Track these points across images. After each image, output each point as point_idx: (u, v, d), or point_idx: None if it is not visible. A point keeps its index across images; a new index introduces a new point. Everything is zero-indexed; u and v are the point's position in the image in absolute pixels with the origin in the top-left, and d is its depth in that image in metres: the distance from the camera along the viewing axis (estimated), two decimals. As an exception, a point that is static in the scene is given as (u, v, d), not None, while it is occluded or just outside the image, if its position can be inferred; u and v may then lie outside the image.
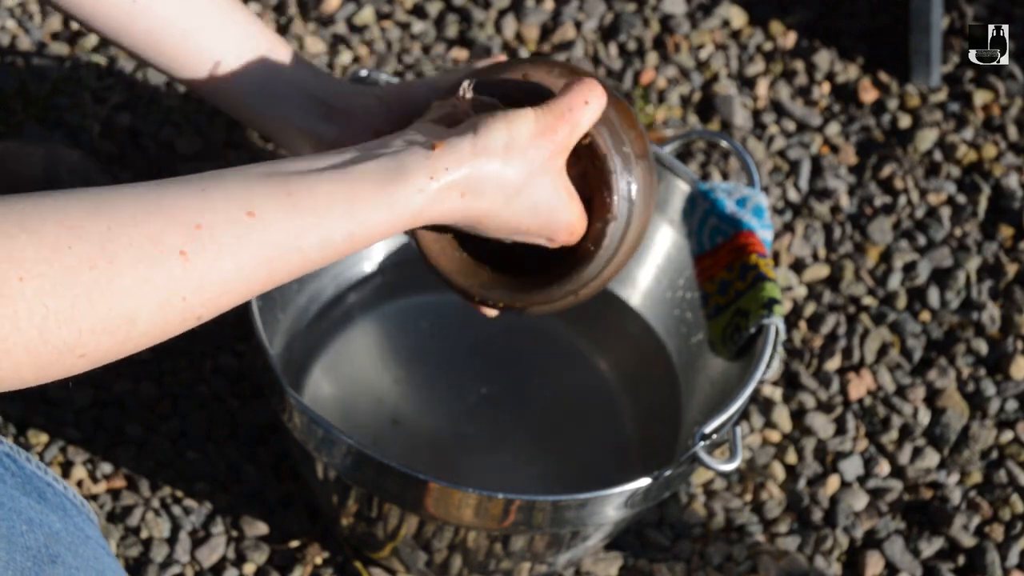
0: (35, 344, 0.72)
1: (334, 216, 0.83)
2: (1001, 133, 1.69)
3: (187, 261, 0.77)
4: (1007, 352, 1.51)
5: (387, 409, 1.37)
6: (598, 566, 1.35)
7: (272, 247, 0.81)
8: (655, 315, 1.40)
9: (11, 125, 1.57)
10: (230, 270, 0.79)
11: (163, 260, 0.76)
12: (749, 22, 1.76)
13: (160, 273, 0.76)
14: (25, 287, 0.72)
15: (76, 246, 0.74)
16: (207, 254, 0.78)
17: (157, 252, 0.76)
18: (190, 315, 0.78)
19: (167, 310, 0.77)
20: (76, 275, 0.73)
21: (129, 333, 0.76)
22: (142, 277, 0.75)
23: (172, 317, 0.77)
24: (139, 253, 0.75)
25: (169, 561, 1.33)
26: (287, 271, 0.82)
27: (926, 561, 1.39)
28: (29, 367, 0.73)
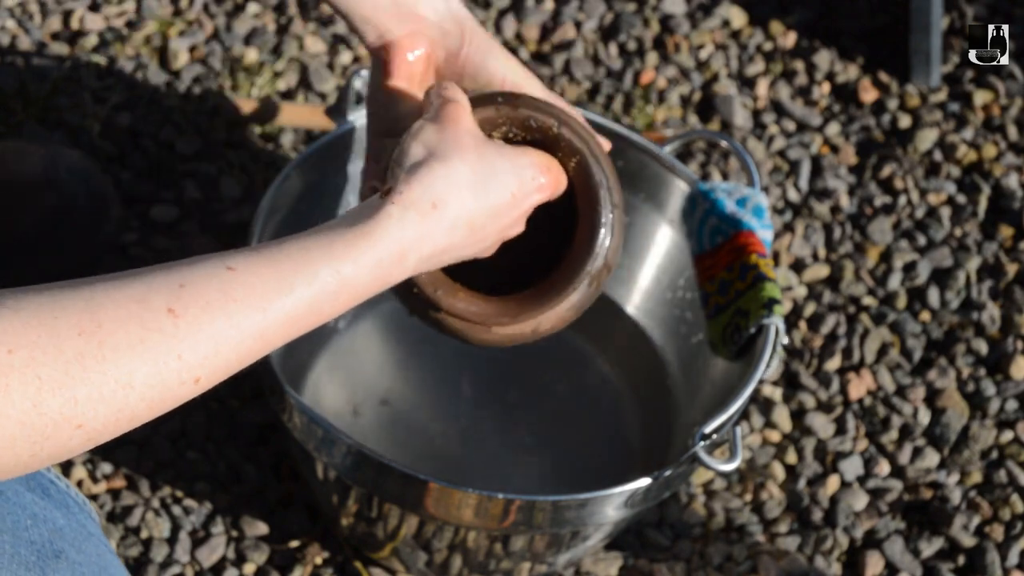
0: (30, 417, 0.71)
1: (312, 258, 0.83)
2: (1001, 133, 1.69)
3: (177, 318, 0.76)
4: (1007, 352, 1.51)
5: (387, 409, 1.37)
6: (598, 566, 1.36)
7: (258, 295, 0.79)
8: (655, 315, 1.40)
9: (11, 125, 1.57)
10: (221, 325, 0.78)
11: (152, 318, 0.75)
12: (749, 22, 1.76)
13: (151, 332, 0.75)
14: (14, 358, 0.71)
15: (62, 316, 0.73)
16: (195, 309, 0.77)
17: (145, 312, 0.75)
18: (188, 377, 0.77)
19: (164, 372, 0.75)
20: (65, 341, 0.72)
21: (127, 399, 0.74)
22: (134, 337, 0.74)
23: (169, 379, 0.76)
24: (127, 314, 0.74)
25: (169, 561, 1.33)
26: (283, 322, 0.81)
27: (926, 561, 1.39)
28: (24, 442, 0.71)
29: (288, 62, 1.67)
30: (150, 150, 1.58)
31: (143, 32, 1.68)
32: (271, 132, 1.61)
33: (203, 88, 1.63)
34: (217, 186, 1.55)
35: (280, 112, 1.61)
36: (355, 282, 0.84)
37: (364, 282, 0.85)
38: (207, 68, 1.65)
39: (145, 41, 1.67)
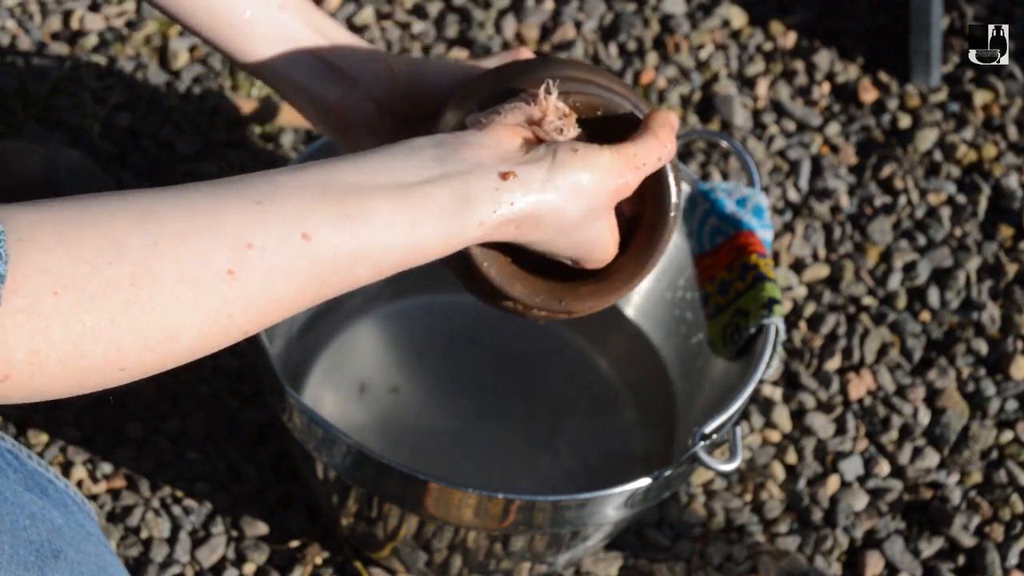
0: (71, 358, 0.70)
1: (391, 241, 0.79)
2: (1001, 133, 1.69)
3: (235, 280, 0.74)
4: (1007, 352, 1.51)
5: (387, 409, 1.37)
6: (598, 566, 1.35)
7: (324, 268, 0.77)
8: (655, 315, 1.40)
9: (11, 125, 1.57)
10: (279, 289, 0.76)
11: (210, 280, 0.73)
12: (749, 22, 1.76)
13: (206, 293, 0.73)
14: (59, 302, 0.69)
15: (118, 262, 0.71)
16: (256, 274, 0.74)
17: (204, 272, 0.73)
18: (236, 331, 0.75)
19: (212, 327, 0.74)
20: (116, 291, 0.70)
21: (172, 349, 0.73)
22: (188, 296, 0.72)
23: (217, 334, 0.74)
24: (184, 272, 0.72)
25: (169, 561, 1.33)
26: (337, 288, 0.79)
27: (926, 561, 1.39)
28: (65, 379, 0.70)
29: (288, 62, 1.67)
30: (150, 150, 1.58)
31: (143, 32, 1.68)
32: (271, 132, 1.61)
33: (203, 88, 1.63)
34: (217, 186, 1.55)
35: (280, 112, 1.61)
36: (414, 262, 0.81)
37: (422, 260, 0.82)
38: (207, 68, 1.65)
39: (145, 41, 1.67)
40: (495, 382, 1.41)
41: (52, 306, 0.69)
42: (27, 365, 0.69)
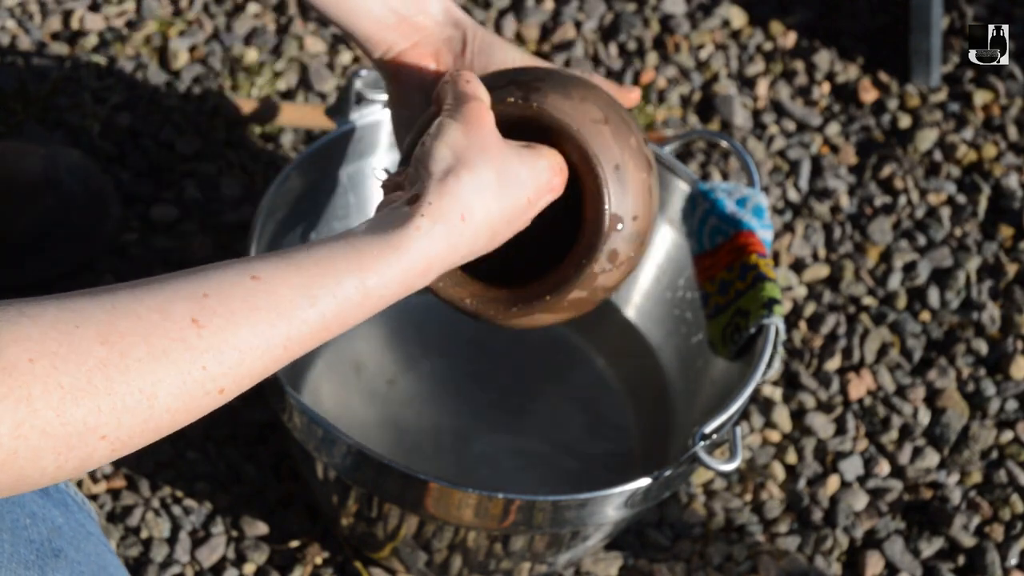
0: (53, 426, 0.70)
1: (339, 268, 0.82)
2: (1001, 133, 1.69)
3: (200, 328, 0.75)
4: (1007, 352, 1.51)
5: (387, 409, 1.37)
6: (598, 566, 1.35)
7: (284, 306, 0.79)
8: (655, 315, 1.40)
9: (11, 125, 1.57)
10: (246, 335, 0.77)
11: (176, 329, 0.74)
12: (749, 22, 1.76)
13: (175, 342, 0.74)
14: (36, 367, 0.69)
15: (83, 325, 0.72)
16: (219, 319, 0.76)
17: (168, 322, 0.74)
18: (212, 387, 0.76)
19: (188, 382, 0.75)
20: (87, 351, 0.71)
21: (151, 409, 0.74)
22: (157, 348, 0.73)
23: (194, 390, 0.75)
24: (149, 325, 0.73)
25: (169, 561, 1.33)
26: (307, 333, 0.80)
27: (926, 561, 1.39)
28: (49, 453, 0.70)
29: (288, 62, 1.67)
30: (150, 150, 1.58)
31: (143, 32, 1.68)
32: (271, 132, 1.61)
33: (203, 88, 1.63)
34: (217, 186, 1.55)
35: (280, 112, 1.61)
36: (380, 292, 0.85)
37: (389, 293, 0.85)
38: (207, 68, 1.65)
39: (145, 41, 1.67)
40: (495, 382, 1.41)
41: (30, 371, 0.69)
42: (12, 439, 0.69)
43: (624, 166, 1.03)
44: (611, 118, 1.04)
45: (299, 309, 0.79)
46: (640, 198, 1.04)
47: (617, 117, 1.04)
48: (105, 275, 1.47)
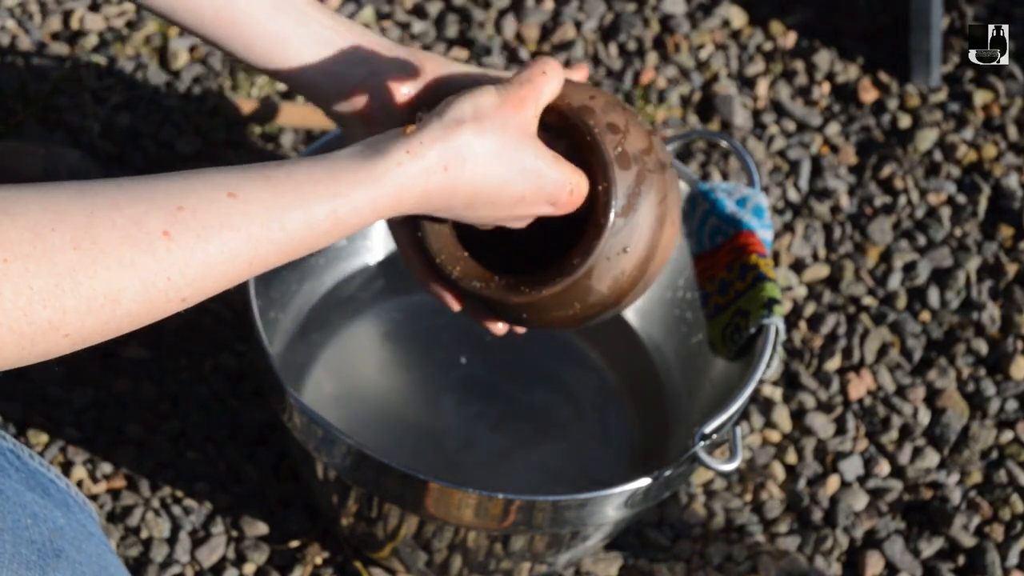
0: (19, 324, 0.73)
1: (316, 193, 0.83)
2: (1001, 133, 1.69)
3: (171, 241, 0.78)
4: (1007, 352, 1.51)
5: (387, 408, 1.37)
6: (598, 566, 1.35)
7: (256, 226, 0.81)
8: (655, 315, 1.40)
9: (11, 125, 1.57)
10: (214, 251, 0.79)
11: (147, 241, 0.77)
12: (749, 22, 1.76)
13: (144, 254, 0.77)
14: (9, 268, 0.72)
15: (59, 228, 0.75)
16: (190, 234, 0.78)
17: (140, 233, 0.77)
18: (175, 296, 0.78)
19: (151, 291, 0.77)
20: (60, 255, 0.74)
21: (113, 313, 0.76)
22: (126, 258, 0.76)
23: (156, 298, 0.78)
24: (122, 234, 0.76)
25: (169, 561, 1.33)
26: (273, 252, 0.82)
27: (926, 561, 1.39)
28: (13, 347, 0.74)
29: (288, 62, 1.67)
30: (150, 150, 1.58)
31: (143, 32, 1.68)
32: (271, 132, 1.61)
33: (203, 88, 1.63)
34: (217, 186, 1.55)
35: (280, 112, 1.61)
36: (350, 220, 0.85)
37: (360, 220, 0.86)
38: (207, 68, 1.65)
39: (145, 41, 1.67)
40: (495, 382, 1.41)
41: (3, 272, 0.72)
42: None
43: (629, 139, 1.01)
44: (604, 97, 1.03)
45: (270, 231, 0.81)
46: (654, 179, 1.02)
47: (611, 96, 1.04)
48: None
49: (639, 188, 1.01)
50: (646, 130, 1.04)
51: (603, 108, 1.02)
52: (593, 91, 1.03)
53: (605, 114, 1.01)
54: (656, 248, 1.03)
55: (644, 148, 1.02)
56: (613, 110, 1.02)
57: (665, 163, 1.04)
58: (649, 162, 1.02)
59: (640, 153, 1.02)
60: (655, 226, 1.02)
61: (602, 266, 1.02)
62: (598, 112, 1.01)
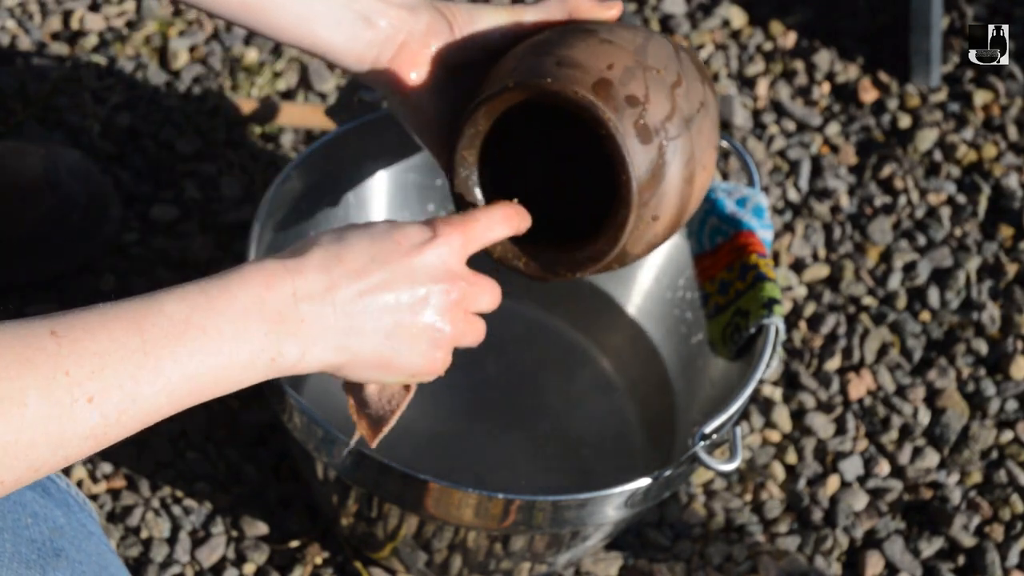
0: None
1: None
2: (1001, 133, 1.69)
3: (59, 338, 0.75)
4: (1007, 352, 1.51)
5: (387, 409, 1.37)
6: (598, 566, 1.36)
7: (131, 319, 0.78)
8: (655, 315, 1.40)
9: (11, 125, 1.57)
10: (103, 340, 0.76)
11: (36, 342, 0.74)
12: (749, 22, 1.76)
13: (36, 351, 0.74)
14: None
15: None
16: (77, 330, 0.76)
17: (29, 335, 0.74)
18: (80, 394, 0.75)
19: (53, 388, 0.74)
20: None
21: (23, 419, 0.73)
22: (22, 356, 0.73)
23: (62, 398, 0.74)
24: (10, 339, 0.74)
25: (169, 561, 1.33)
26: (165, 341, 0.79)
27: (926, 561, 1.39)
28: None
29: (288, 62, 1.67)
30: (150, 150, 1.58)
31: (143, 32, 1.68)
32: (271, 132, 1.61)
33: (203, 88, 1.63)
34: (217, 186, 1.55)
35: (280, 112, 1.61)
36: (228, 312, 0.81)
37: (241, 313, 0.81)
38: (207, 68, 1.65)
39: (145, 41, 1.67)
40: (495, 382, 1.41)
41: None
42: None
43: (650, 109, 0.99)
44: (623, 61, 0.99)
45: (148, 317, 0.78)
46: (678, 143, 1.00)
47: (632, 56, 1.00)
48: (105, 275, 1.47)
49: (663, 159, 0.99)
50: (670, 83, 1.00)
51: (622, 78, 0.98)
52: (614, 52, 1.00)
53: (624, 86, 0.98)
54: (688, 202, 1.03)
55: (667, 114, 1.00)
56: (633, 77, 0.99)
57: (690, 116, 1.01)
58: (671, 128, 1.00)
59: (663, 120, 0.99)
60: (683, 187, 1.01)
61: (634, 237, 1.01)
62: (616, 85, 0.98)
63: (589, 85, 0.97)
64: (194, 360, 0.79)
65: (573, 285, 1.42)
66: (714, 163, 1.06)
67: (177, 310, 0.79)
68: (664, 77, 1.01)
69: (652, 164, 0.99)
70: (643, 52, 1.01)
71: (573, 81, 0.97)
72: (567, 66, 0.98)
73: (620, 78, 0.98)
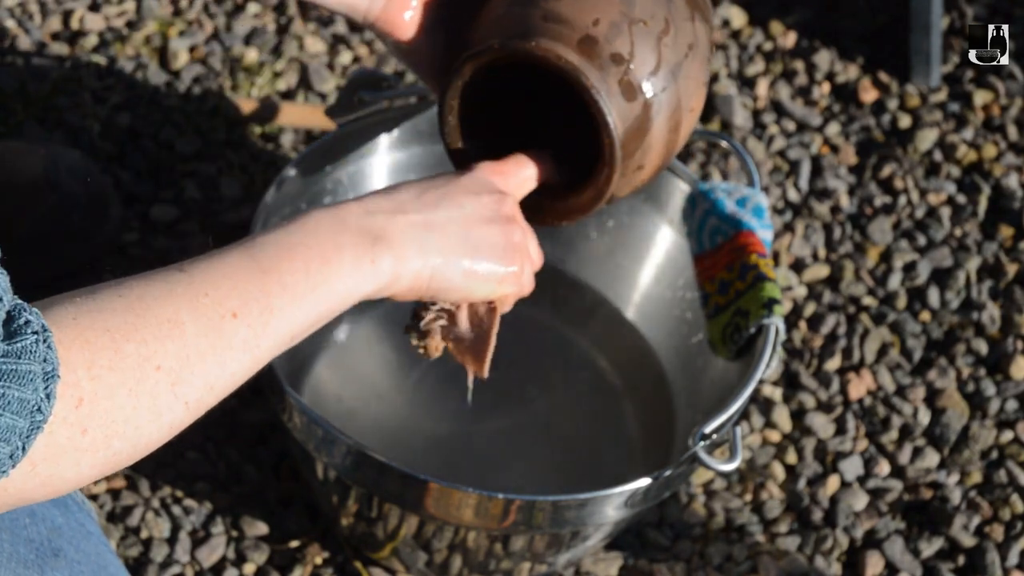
0: (114, 361, 0.75)
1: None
2: (1001, 133, 1.69)
3: (187, 273, 0.82)
4: (1007, 352, 1.51)
5: (387, 408, 1.37)
6: (598, 566, 1.35)
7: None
8: (655, 315, 1.40)
9: (11, 125, 1.57)
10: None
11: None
12: (749, 22, 1.76)
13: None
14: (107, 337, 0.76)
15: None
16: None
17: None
18: (224, 310, 0.81)
19: (199, 308, 0.80)
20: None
21: (183, 335, 0.79)
22: (161, 290, 0.80)
23: (209, 315, 0.81)
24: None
25: (169, 561, 1.33)
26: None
27: (926, 561, 1.39)
28: (121, 389, 0.75)
29: (288, 62, 1.67)
30: (150, 150, 1.58)
31: (143, 32, 1.68)
32: (271, 132, 1.61)
33: (203, 88, 1.63)
34: (217, 186, 1.55)
35: (280, 112, 1.61)
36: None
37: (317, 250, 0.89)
38: (207, 68, 1.65)
39: (145, 41, 1.67)
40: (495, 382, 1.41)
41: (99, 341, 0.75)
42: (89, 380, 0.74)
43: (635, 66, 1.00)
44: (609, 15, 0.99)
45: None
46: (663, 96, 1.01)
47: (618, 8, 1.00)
48: (105, 275, 1.46)
49: (647, 114, 1.01)
50: (656, 32, 1.00)
51: (607, 34, 0.99)
52: (600, 3, 1.00)
53: (609, 43, 0.99)
54: (675, 146, 1.04)
55: (652, 68, 1.00)
56: (619, 33, 0.99)
57: (677, 64, 1.02)
58: (657, 82, 1.01)
59: (648, 75, 1.00)
60: (668, 137, 1.03)
61: (619, 186, 1.03)
62: (601, 42, 0.99)
63: (574, 42, 0.98)
64: (310, 271, 0.87)
65: (573, 285, 1.42)
66: (703, 100, 1.06)
67: (272, 241, 0.87)
68: (651, 27, 1.01)
69: (636, 119, 1.00)
70: (631, 2, 1.01)
71: (558, 38, 0.98)
72: (553, 20, 0.99)
73: (606, 34, 0.99)
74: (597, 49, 0.98)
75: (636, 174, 1.04)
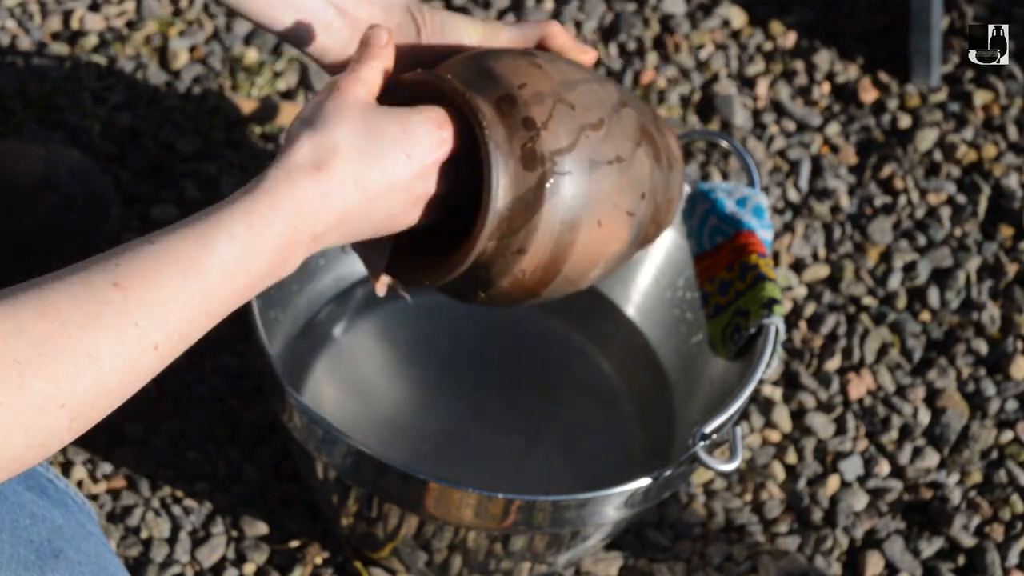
0: (17, 400, 0.75)
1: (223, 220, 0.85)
2: (1001, 133, 1.69)
3: (123, 290, 0.80)
4: (1007, 352, 1.51)
5: (387, 409, 1.37)
6: (598, 566, 1.36)
7: (188, 262, 0.83)
8: (654, 315, 1.40)
9: (11, 125, 1.57)
10: (165, 290, 0.82)
11: (102, 294, 0.79)
12: (749, 22, 1.76)
13: (104, 305, 0.79)
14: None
15: (19, 305, 0.77)
16: (137, 279, 0.81)
17: (92, 290, 0.79)
18: (148, 344, 0.81)
19: (125, 340, 0.80)
20: (31, 326, 0.77)
21: (99, 371, 0.78)
22: (91, 312, 0.79)
23: (132, 348, 0.80)
24: (77, 293, 0.79)
25: (169, 561, 1.33)
26: (220, 284, 0.84)
27: (926, 561, 1.39)
28: (17, 429, 0.75)
29: (288, 62, 1.67)
30: (150, 150, 1.58)
31: (143, 32, 1.68)
32: (271, 132, 1.61)
33: (203, 88, 1.63)
34: (217, 186, 1.55)
35: (280, 112, 1.61)
36: (263, 240, 0.86)
37: (275, 239, 0.86)
38: (207, 68, 1.65)
39: (145, 41, 1.67)
40: (495, 382, 1.41)
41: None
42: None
43: (544, 137, 0.95)
44: (540, 85, 0.97)
45: (204, 260, 0.83)
46: (567, 180, 0.96)
47: (553, 85, 0.97)
48: (105, 275, 1.47)
49: (541, 191, 0.95)
50: (583, 122, 0.97)
51: (528, 99, 0.96)
52: (536, 75, 0.98)
53: (527, 107, 0.96)
54: (568, 251, 0.98)
55: (563, 147, 0.96)
56: (540, 103, 0.96)
57: (596, 162, 0.97)
58: (564, 163, 0.96)
59: (555, 152, 0.96)
60: (561, 230, 0.97)
61: (499, 263, 0.98)
62: (519, 104, 0.96)
63: (495, 98, 0.96)
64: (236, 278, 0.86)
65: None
66: (624, 232, 1.00)
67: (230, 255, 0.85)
68: (578, 115, 0.98)
69: (528, 191, 0.95)
70: (571, 88, 0.98)
71: (481, 90, 0.96)
72: (484, 75, 0.98)
73: (527, 99, 0.96)
74: (514, 109, 0.96)
75: (516, 258, 0.97)
